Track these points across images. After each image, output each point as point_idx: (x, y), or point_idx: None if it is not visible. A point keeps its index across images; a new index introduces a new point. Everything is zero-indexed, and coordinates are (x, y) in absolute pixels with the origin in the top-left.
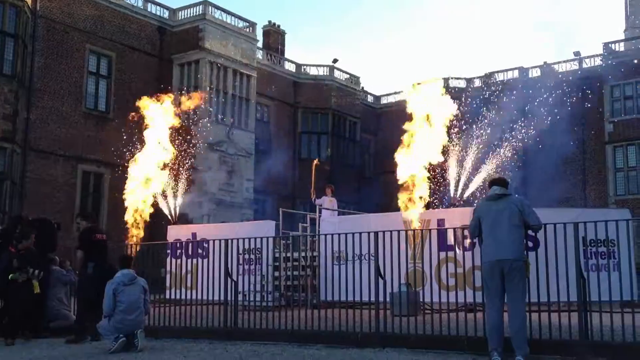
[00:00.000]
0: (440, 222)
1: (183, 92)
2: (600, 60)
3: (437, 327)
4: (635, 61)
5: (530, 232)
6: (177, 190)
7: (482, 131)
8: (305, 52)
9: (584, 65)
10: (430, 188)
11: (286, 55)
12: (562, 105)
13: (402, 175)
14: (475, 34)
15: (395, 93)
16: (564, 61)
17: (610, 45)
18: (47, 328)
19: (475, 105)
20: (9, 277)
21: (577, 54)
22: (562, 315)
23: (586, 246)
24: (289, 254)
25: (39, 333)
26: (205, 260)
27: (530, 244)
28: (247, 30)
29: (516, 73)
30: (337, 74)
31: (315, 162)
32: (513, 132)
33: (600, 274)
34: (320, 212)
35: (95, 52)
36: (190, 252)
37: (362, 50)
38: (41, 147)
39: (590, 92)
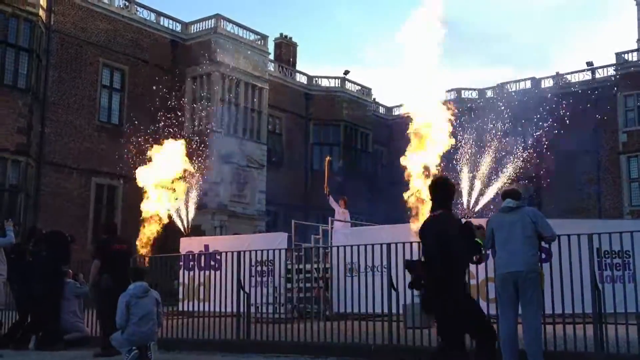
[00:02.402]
0: None
1: (195, 104)
2: (613, 70)
3: None
4: None
5: (544, 243)
6: (189, 202)
7: (494, 142)
8: (316, 62)
9: (597, 76)
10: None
11: (297, 67)
12: (575, 116)
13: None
14: (488, 42)
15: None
16: (577, 71)
17: (622, 55)
18: (61, 340)
19: (487, 117)
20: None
21: (589, 64)
22: (577, 327)
23: (601, 257)
24: (301, 266)
25: (52, 345)
26: (218, 273)
27: (543, 255)
28: (259, 42)
29: (528, 84)
30: (348, 85)
31: (327, 158)
32: (526, 143)
33: (616, 286)
34: (332, 223)
35: (108, 66)
36: (202, 264)
37: (373, 61)
38: (55, 160)
39: (604, 102)
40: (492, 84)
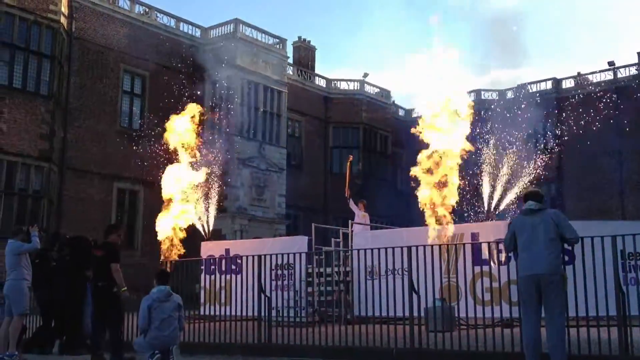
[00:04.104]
0: (474, 235)
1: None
2: (635, 69)
3: (473, 343)
4: None
5: (566, 245)
6: (209, 206)
7: (515, 144)
8: (335, 65)
9: (619, 75)
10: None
11: (316, 71)
12: (597, 116)
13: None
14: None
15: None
16: (598, 71)
17: None
18: (84, 344)
19: (508, 118)
20: None
21: (611, 63)
22: (601, 330)
23: (625, 259)
24: (321, 269)
25: (75, 349)
26: (239, 276)
27: (566, 257)
28: (278, 46)
29: (549, 84)
30: (367, 88)
31: (350, 158)
32: (547, 144)
33: None
34: (352, 227)
35: (129, 72)
36: (223, 268)
37: (392, 63)
38: (77, 166)
39: (626, 102)
40: (513, 85)
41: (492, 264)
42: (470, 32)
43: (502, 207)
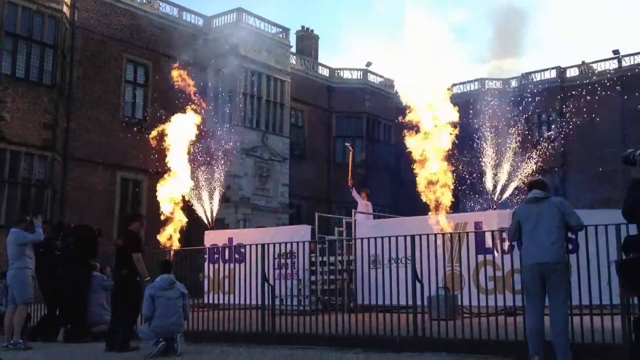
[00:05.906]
0: (478, 224)
1: (218, 98)
2: None
3: (476, 332)
4: None
5: (570, 234)
6: (213, 195)
7: (519, 132)
8: (338, 54)
9: (624, 64)
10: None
11: (319, 60)
12: (602, 105)
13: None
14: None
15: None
16: (603, 60)
17: None
18: (89, 333)
19: (512, 106)
20: None
21: (616, 52)
22: (604, 318)
23: None
24: (325, 258)
25: (80, 337)
26: (242, 265)
27: (570, 246)
28: (281, 36)
29: (553, 73)
30: (371, 77)
31: (350, 147)
32: (551, 133)
33: None
34: (355, 216)
35: (132, 61)
36: (227, 257)
37: (396, 52)
38: (81, 155)
39: (630, 91)
40: (517, 74)
41: (495, 252)
42: (474, 21)
43: (505, 196)
